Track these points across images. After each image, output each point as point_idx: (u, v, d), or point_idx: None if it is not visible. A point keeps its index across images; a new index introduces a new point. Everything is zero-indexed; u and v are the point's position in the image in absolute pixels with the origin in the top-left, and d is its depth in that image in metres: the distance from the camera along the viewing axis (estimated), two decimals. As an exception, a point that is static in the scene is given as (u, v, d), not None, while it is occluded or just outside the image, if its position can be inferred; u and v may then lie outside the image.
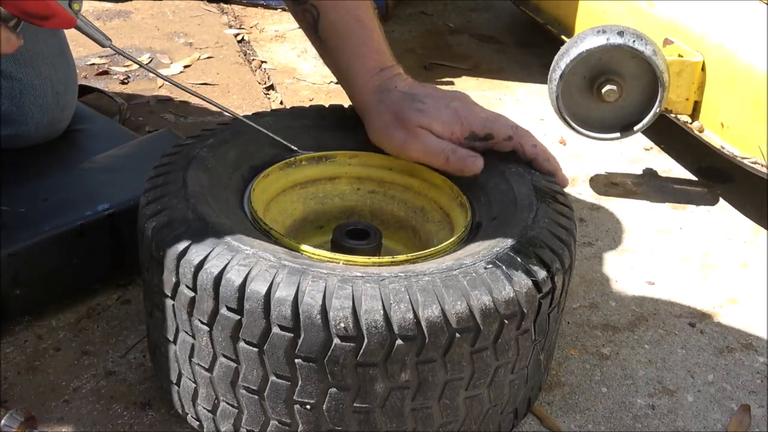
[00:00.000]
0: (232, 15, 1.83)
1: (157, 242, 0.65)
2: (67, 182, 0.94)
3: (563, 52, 1.13)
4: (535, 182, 0.77)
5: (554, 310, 0.69)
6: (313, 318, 0.58)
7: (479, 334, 0.61)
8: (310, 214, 0.86)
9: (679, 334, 0.93)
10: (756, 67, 1.07)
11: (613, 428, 0.79)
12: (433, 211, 0.83)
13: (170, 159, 0.75)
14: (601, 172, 1.27)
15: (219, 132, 0.81)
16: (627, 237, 1.11)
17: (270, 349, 0.60)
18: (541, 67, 1.42)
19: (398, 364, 0.60)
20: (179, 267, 0.63)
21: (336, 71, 0.87)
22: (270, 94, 1.46)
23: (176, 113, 1.35)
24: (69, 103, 1.05)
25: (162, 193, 0.70)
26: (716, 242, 1.11)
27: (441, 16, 1.89)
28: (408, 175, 0.85)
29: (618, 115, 1.16)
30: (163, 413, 0.76)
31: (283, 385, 0.61)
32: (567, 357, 0.88)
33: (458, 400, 0.64)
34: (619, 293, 0.99)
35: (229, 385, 0.64)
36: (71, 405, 0.77)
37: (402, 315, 0.59)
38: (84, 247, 0.88)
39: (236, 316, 0.60)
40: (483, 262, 0.64)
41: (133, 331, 0.86)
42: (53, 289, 0.88)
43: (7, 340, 0.84)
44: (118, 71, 1.48)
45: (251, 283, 0.60)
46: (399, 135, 0.80)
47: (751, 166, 1.08)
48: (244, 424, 0.65)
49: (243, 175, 0.78)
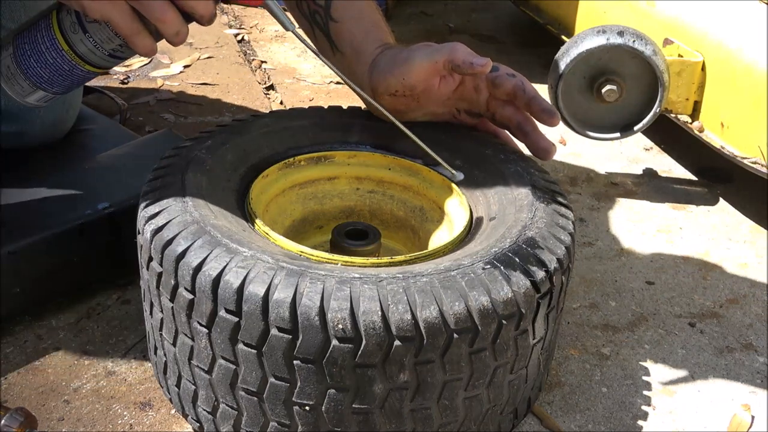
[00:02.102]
0: (232, 15, 1.83)
1: (156, 245, 0.65)
2: (67, 182, 0.94)
3: (563, 52, 1.13)
4: (534, 182, 0.77)
5: (553, 311, 0.69)
6: (311, 319, 0.59)
7: (477, 334, 0.61)
8: (310, 215, 0.86)
9: (679, 334, 0.93)
10: (756, 67, 1.07)
11: (613, 428, 0.79)
12: (432, 211, 0.84)
13: (168, 161, 0.75)
14: (601, 172, 1.27)
15: (217, 134, 0.81)
16: (627, 237, 1.11)
17: (269, 350, 0.60)
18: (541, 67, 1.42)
19: (397, 365, 0.60)
20: (178, 269, 0.63)
21: (346, 49, 0.87)
22: (270, 94, 1.46)
23: (176, 113, 1.35)
24: (74, 103, 1.05)
25: (160, 196, 0.70)
26: (716, 242, 1.11)
27: (441, 16, 1.89)
28: (407, 174, 0.85)
29: (618, 115, 1.16)
30: (163, 413, 0.76)
31: (282, 386, 0.62)
32: (567, 357, 0.88)
33: (457, 400, 0.64)
34: (619, 293, 0.99)
35: (228, 387, 0.64)
36: (71, 405, 0.77)
37: (400, 316, 0.59)
38: (84, 246, 0.88)
39: (235, 318, 0.61)
40: (481, 262, 0.64)
41: (133, 331, 0.86)
42: (53, 289, 0.88)
43: (7, 340, 0.84)
44: (118, 71, 1.48)
45: (249, 285, 0.60)
46: (404, 55, 0.81)
47: (751, 166, 1.08)
48: (243, 425, 0.65)
49: (242, 177, 0.78)
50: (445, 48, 0.80)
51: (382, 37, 0.86)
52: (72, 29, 0.73)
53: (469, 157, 0.82)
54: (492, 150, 0.83)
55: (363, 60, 0.85)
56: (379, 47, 0.85)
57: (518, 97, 0.83)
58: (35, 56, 0.75)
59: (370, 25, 0.87)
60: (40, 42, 0.75)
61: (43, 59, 0.75)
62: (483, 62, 0.79)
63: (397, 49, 0.83)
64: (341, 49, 0.87)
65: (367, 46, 0.85)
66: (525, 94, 0.82)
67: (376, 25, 0.87)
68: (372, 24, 0.87)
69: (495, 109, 0.85)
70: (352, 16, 0.86)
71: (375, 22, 0.87)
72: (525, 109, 0.84)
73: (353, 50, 0.86)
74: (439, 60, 0.80)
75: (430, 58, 0.80)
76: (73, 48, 0.74)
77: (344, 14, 0.86)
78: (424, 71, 0.81)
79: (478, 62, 0.79)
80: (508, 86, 0.83)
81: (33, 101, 0.80)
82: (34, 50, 0.75)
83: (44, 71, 0.76)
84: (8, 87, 0.78)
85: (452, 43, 0.80)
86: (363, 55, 0.85)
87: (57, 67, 0.75)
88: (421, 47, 0.82)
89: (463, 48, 0.80)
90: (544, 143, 0.83)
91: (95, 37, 0.73)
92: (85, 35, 0.72)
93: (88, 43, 0.73)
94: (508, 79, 0.83)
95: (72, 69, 0.75)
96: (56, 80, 0.77)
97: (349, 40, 0.86)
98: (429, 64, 0.80)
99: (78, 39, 0.73)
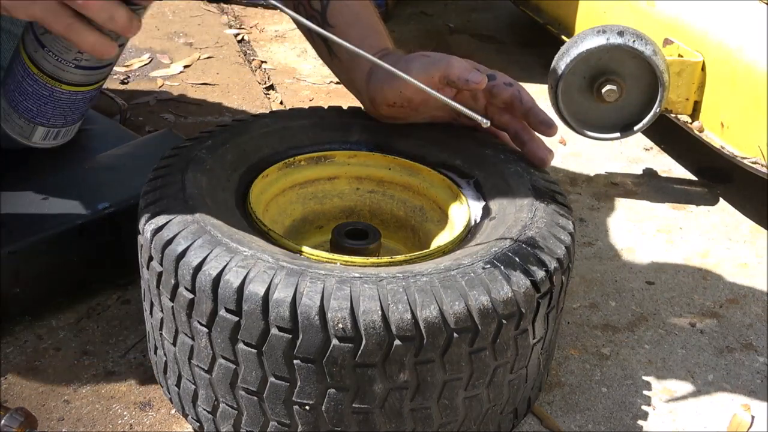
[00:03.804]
0: (232, 15, 1.83)
1: (156, 244, 0.65)
2: (67, 182, 0.94)
3: (563, 52, 1.13)
4: (533, 182, 0.77)
5: (553, 310, 0.69)
6: (312, 319, 0.59)
7: (477, 334, 0.61)
8: (310, 214, 0.86)
9: (679, 334, 0.93)
10: (756, 67, 1.07)
11: (613, 428, 0.79)
12: (432, 211, 0.84)
13: (168, 161, 0.75)
14: (601, 172, 1.27)
15: (217, 134, 0.81)
16: (627, 237, 1.11)
17: (269, 350, 0.60)
18: (541, 67, 1.42)
19: (397, 364, 0.60)
20: (178, 269, 0.63)
21: (342, 57, 0.87)
22: (270, 94, 1.46)
23: (176, 113, 1.35)
24: None
25: (161, 195, 0.70)
26: (716, 242, 1.11)
27: (441, 16, 1.89)
28: (407, 174, 0.85)
29: (618, 115, 1.16)
30: (163, 413, 0.76)
31: (282, 386, 0.62)
32: (567, 357, 0.88)
33: (457, 400, 0.64)
34: (619, 293, 0.99)
35: (228, 387, 0.64)
36: (71, 405, 0.77)
37: (400, 315, 0.59)
38: (84, 246, 0.88)
39: (235, 317, 0.61)
40: (481, 262, 0.64)
41: (133, 331, 0.86)
42: (53, 289, 0.88)
43: (7, 340, 0.84)
44: (118, 71, 1.48)
45: (249, 285, 0.60)
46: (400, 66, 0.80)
47: (751, 166, 1.08)
48: (243, 425, 0.65)
49: (241, 177, 0.78)
50: (441, 62, 0.79)
51: (379, 43, 0.86)
52: (33, 48, 0.69)
53: (469, 157, 0.83)
54: (492, 150, 0.83)
55: (360, 67, 0.85)
56: (375, 54, 0.84)
57: (515, 107, 0.83)
58: (18, 88, 0.72)
59: (367, 30, 0.86)
60: (17, 71, 0.71)
61: (24, 89, 0.71)
62: (478, 79, 0.78)
63: (395, 58, 0.83)
64: (338, 55, 0.87)
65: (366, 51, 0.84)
66: (522, 105, 0.82)
67: (373, 30, 0.86)
68: (369, 29, 0.86)
69: (493, 115, 0.85)
70: (347, 22, 0.85)
71: (372, 26, 0.87)
72: (523, 119, 0.84)
73: (350, 57, 0.86)
74: (434, 75, 0.79)
75: (425, 73, 0.79)
76: (40, 67, 0.70)
77: (340, 20, 0.85)
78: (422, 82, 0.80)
79: (473, 79, 0.78)
80: (505, 96, 0.82)
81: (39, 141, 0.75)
82: (15, 82, 0.72)
83: (30, 102, 0.72)
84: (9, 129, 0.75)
85: (448, 58, 0.80)
86: (360, 63, 0.85)
87: (37, 94, 0.71)
88: (418, 58, 0.81)
89: (459, 63, 0.79)
90: (541, 153, 0.82)
91: (53, 49, 0.69)
92: (44, 50, 0.69)
93: (50, 57, 0.69)
94: (505, 88, 0.82)
95: (52, 93, 0.72)
96: (45, 110, 0.73)
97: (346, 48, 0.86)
98: (425, 79, 0.80)
99: (40, 56, 0.69)
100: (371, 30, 0.86)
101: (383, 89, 0.82)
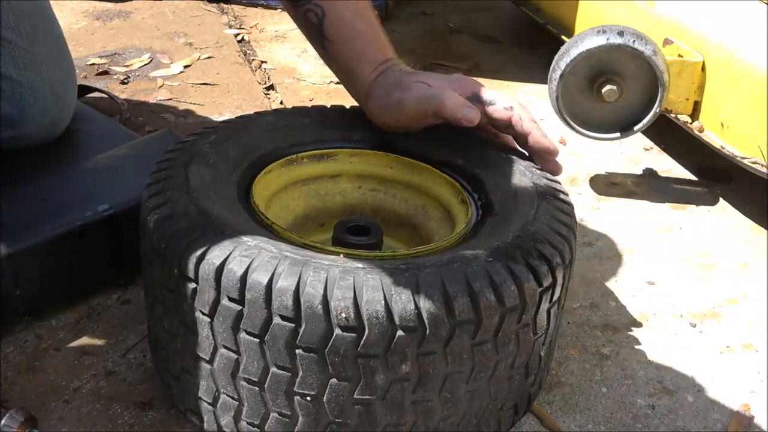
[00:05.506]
0: (232, 15, 1.83)
1: (159, 234, 0.65)
2: (67, 182, 0.94)
3: (563, 52, 1.13)
4: (535, 180, 0.78)
5: (554, 306, 0.69)
6: (315, 308, 0.58)
7: (480, 326, 0.61)
8: (312, 211, 0.86)
9: (679, 334, 0.92)
10: (756, 67, 1.07)
11: (613, 428, 0.79)
12: (434, 209, 0.84)
13: (173, 155, 0.75)
14: (601, 172, 1.27)
15: (221, 129, 0.81)
16: (627, 237, 1.11)
17: (271, 339, 0.60)
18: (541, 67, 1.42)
19: (399, 355, 0.60)
20: (181, 258, 0.63)
21: (340, 68, 0.87)
22: (270, 94, 1.46)
23: (176, 113, 1.35)
24: (69, 103, 1.05)
25: (164, 187, 0.70)
26: (716, 242, 1.11)
27: (441, 16, 1.89)
28: (409, 172, 0.85)
29: (618, 115, 1.16)
30: (163, 413, 0.76)
31: (284, 376, 0.61)
32: (567, 357, 0.88)
33: (459, 393, 0.64)
34: (619, 293, 0.99)
35: (229, 377, 0.64)
36: (71, 405, 0.77)
37: (403, 306, 0.59)
38: (84, 247, 0.88)
39: (237, 306, 0.60)
40: (484, 255, 0.64)
41: (133, 331, 0.86)
42: (53, 289, 0.88)
43: (7, 340, 0.84)
44: (118, 71, 1.48)
45: (253, 274, 0.60)
46: (396, 95, 0.80)
47: (751, 166, 1.08)
48: (244, 416, 0.65)
49: (244, 172, 0.78)
50: (435, 98, 0.79)
51: (377, 58, 0.85)
52: None
53: (471, 155, 0.83)
54: (494, 148, 0.83)
55: (359, 83, 0.85)
56: (373, 71, 0.84)
57: (516, 132, 0.82)
58: None
59: (364, 46, 0.85)
60: None
61: None
62: (471, 116, 0.78)
63: (393, 78, 0.82)
64: (338, 68, 0.88)
65: (362, 70, 0.84)
66: (522, 130, 0.81)
67: (370, 45, 0.85)
68: (366, 44, 0.85)
69: (495, 132, 0.85)
70: (344, 38, 0.85)
71: (370, 39, 0.85)
72: (522, 143, 0.83)
73: (348, 72, 0.86)
74: (428, 110, 0.79)
75: (418, 108, 0.80)
76: None
77: (338, 36, 0.85)
78: (416, 115, 0.81)
79: (466, 117, 0.78)
80: (505, 119, 0.82)
81: None
82: None
83: None
84: None
85: (442, 93, 0.79)
86: (358, 79, 0.85)
87: None
88: (414, 87, 0.80)
89: (452, 100, 0.79)
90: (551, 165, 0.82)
91: None
92: None
93: None
94: (504, 113, 0.81)
95: None
96: None
97: (344, 62, 0.86)
98: (418, 113, 0.80)
99: None
100: (368, 46, 0.85)
101: (381, 115, 0.83)
